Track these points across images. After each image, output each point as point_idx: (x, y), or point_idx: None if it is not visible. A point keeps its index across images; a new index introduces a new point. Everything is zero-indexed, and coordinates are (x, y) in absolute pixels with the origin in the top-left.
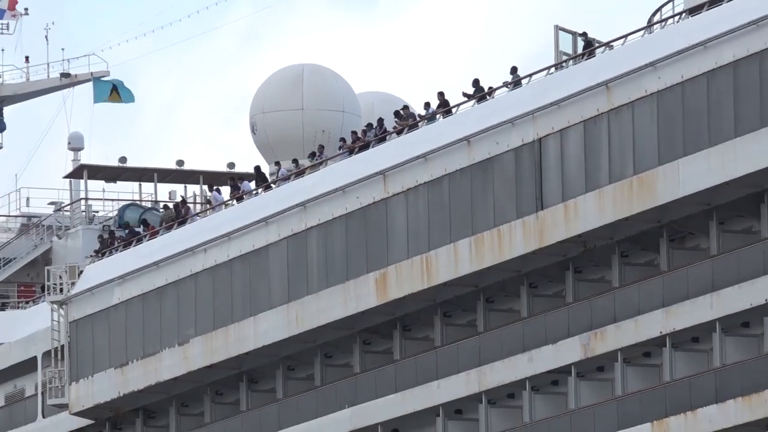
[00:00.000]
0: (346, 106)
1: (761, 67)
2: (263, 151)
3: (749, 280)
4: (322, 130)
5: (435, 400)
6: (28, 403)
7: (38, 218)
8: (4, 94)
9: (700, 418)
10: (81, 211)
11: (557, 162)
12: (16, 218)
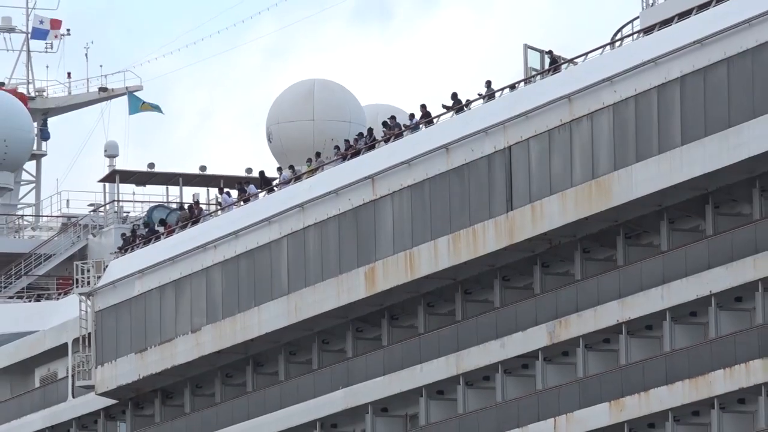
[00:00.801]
0: (353, 117)
1: (705, 81)
2: (278, 158)
3: (695, 273)
4: (330, 138)
5: (418, 381)
6: (60, 384)
7: (76, 218)
8: (48, 107)
9: (652, 397)
10: (114, 211)
11: (525, 167)
12: (57, 218)
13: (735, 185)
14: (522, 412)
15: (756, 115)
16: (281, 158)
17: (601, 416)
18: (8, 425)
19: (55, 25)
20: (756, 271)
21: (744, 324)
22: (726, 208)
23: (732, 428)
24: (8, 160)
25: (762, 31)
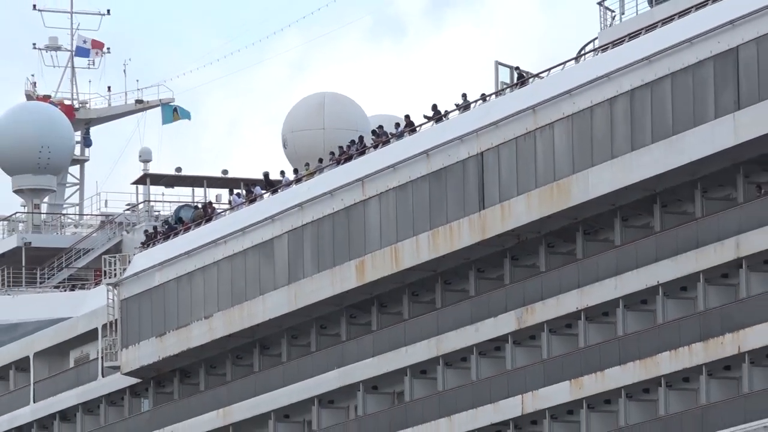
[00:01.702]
0: (359, 126)
1: (652, 94)
2: (292, 162)
3: (645, 266)
4: (339, 146)
5: (403, 362)
6: (91, 365)
7: (113, 216)
8: (90, 117)
9: (607, 377)
10: (145, 210)
11: (495, 171)
12: (96, 216)
13: (679, 186)
14: (494, 389)
15: (696, 124)
16: (295, 163)
17: (563, 393)
18: (46, 401)
19: (96, 45)
20: (698, 263)
21: (688, 311)
22: (672, 207)
23: (677, 404)
24: (51, 165)
25: (701, 49)
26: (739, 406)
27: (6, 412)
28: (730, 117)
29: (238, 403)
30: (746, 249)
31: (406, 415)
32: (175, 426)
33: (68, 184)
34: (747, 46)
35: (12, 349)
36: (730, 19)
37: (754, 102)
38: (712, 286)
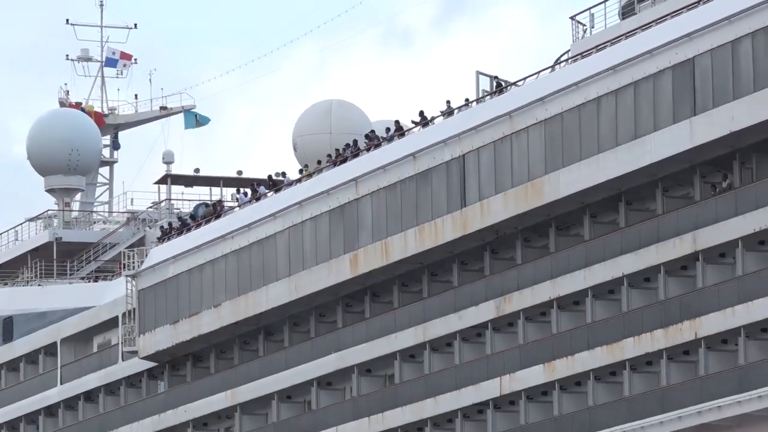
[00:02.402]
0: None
1: (617, 101)
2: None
3: (611, 258)
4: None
5: (394, 347)
6: (113, 350)
7: (137, 213)
8: (119, 122)
9: (577, 360)
10: (166, 208)
11: (475, 171)
12: (123, 213)
13: (642, 186)
14: (475, 372)
15: (656, 128)
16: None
17: (537, 375)
18: (72, 383)
19: (124, 56)
20: (659, 256)
21: (650, 300)
22: (635, 204)
23: (640, 385)
24: (80, 166)
25: (661, 60)
26: (696, 387)
27: (36, 393)
28: (687, 122)
29: (245, 384)
30: (702, 243)
31: (396, 396)
32: (187, 406)
33: (98, 184)
34: (702, 57)
35: (41, 335)
36: (687, 32)
37: (708, 108)
38: (671, 277)
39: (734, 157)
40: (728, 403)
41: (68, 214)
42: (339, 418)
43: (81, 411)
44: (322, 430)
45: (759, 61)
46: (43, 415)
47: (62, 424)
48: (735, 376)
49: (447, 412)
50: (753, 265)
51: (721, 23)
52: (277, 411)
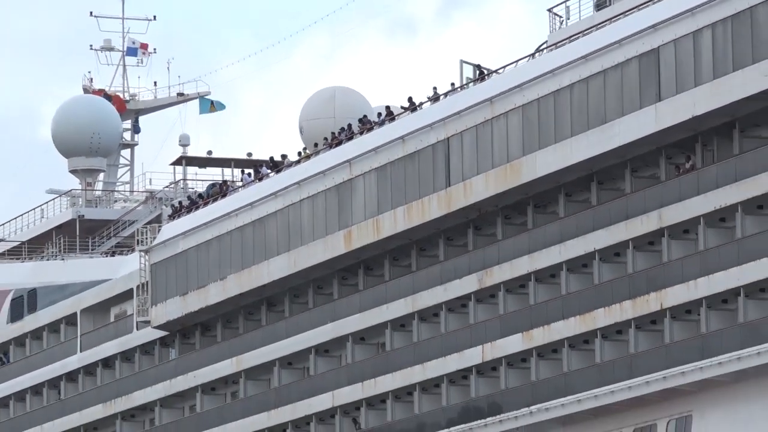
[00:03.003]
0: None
1: (588, 87)
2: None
3: (584, 234)
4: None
5: (385, 317)
6: (128, 320)
7: (154, 193)
8: (139, 108)
9: (553, 329)
10: (181, 188)
11: (459, 153)
12: (142, 193)
13: (612, 167)
14: (459, 340)
15: (625, 113)
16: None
17: (516, 344)
18: (91, 350)
19: (144, 46)
20: (627, 232)
21: (620, 273)
22: (607, 184)
23: (611, 352)
24: (101, 149)
25: (628, 49)
26: (662, 354)
27: (58, 360)
28: (652, 107)
29: (249, 352)
30: (668, 220)
31: (387, 363)
32: (196, 372)
33: (120, 165)
34: (666, 47)
35: (62, 306)
36: (652, 23)
37: (672, 95)
38: (639, 252)
39: (696, 140)
40: (691, 369)
41: (90, 193)
42: (335, 383)
43: (99, 377)
44: (320, 394)
45: (718, 51)
46: (65, 381)
47: (82, 389)
48: (697, 344)
49: (434, 377)
50: (714, 240)
51: (683, 15)
52: (278, 377)
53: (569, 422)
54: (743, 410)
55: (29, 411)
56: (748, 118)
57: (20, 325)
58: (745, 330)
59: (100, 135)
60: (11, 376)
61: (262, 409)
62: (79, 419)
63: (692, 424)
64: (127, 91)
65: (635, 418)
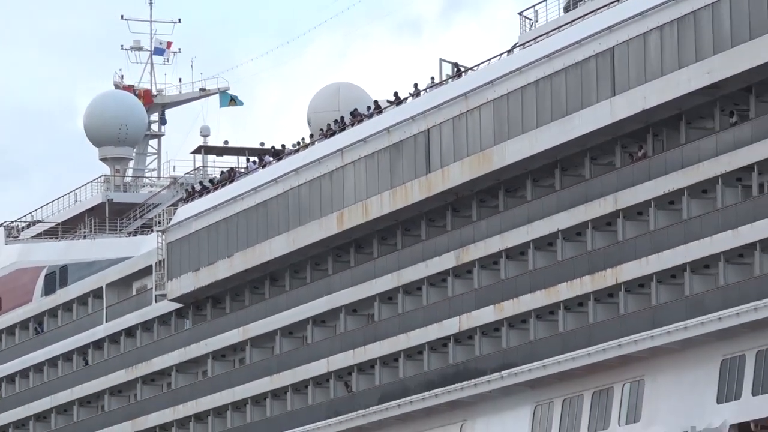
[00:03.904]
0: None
1: (551, 83)
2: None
3: (549, 216)
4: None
5: (374, 291)
6: (148, 293)
7: (178, 178)
8: (166, 102)
9: (521, 302)
10: (201, 174)
11: (438, 143)
12: (166, 178)
13: (574, 155)
14: (439, 311)
15: (583, 107)
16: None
17: (489, 314)
18: (115, 321)
19: (170, 46)
20: (587, 214)
21: (580, 251)
22: (569, 171)
23: (572, 323)
24: (128, 139)
25: (587, 49)
26: (617, 324)
27: (86, 330)
28: (608, 101)
29: (254, 322)
30: (622, 203)
31: (375, 332)
32: (208, 340)
33: (148, 154)
34: (620, 47)
35: (90, 281)
36: (608, 26)
37: (625, 90)
38: (597, 231)
39: (647, 131)
40: (643, 338)
41: (119, 179)
42: (329, 350)
43: (122, 344)
44: (316, 360)
45: (666, 50)
46: (92, 348)
47: (107, 356)
48: (648, 315)
49: (416, 345)
50: (663, 221)
51: (634, 18)
52: (280, 345)
53: (536, 385)
54: (689, 374)
55: (61, 375)
56: (693, 111)
57: (53, 299)
58: (691, 302)
59: (127, 126)
60: (45, 344)
61: (266, 374)
62: (105, 383)
63: (644, 387)
64: (155, 87)
65: (594, 382)
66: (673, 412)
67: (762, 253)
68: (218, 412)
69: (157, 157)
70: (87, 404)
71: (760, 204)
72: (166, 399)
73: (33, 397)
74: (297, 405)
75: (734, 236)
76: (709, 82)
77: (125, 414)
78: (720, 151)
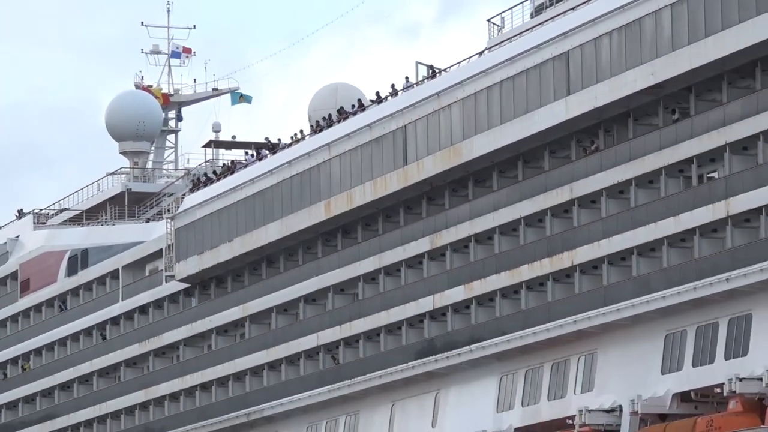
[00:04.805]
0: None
1: (514, 84)
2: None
3: (513, 204)
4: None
5: (358, 272)
6: (159, 274)
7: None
8: (181, 100)
9: (488, 282)
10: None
11: (414, 138)
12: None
13: (534, 148)
14: (416, 290)
15: (543, 105)
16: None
17: (460, 293)
18: (130, 299)
19: (186, 50)
20: (546, 202)
21: (540, 235)
22: (531, 163)
23: (533, 301)
24: (145, 134)
25: (545, 53)
26: (573, 302)
27: (104, 307)
28: (563, 100)
29: (252, 300)
30: (577, 192)
31: (360, 309)
32: (212, 317)
33: (166, 147)
34: (574, 50)
35: (108, 263)
36: (563, 31)
37: (579, 89)
38: (555, 218)
39: (599, 127)
40: (596, 315)
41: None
42: (319, 325)
43: (136, 321)
44: (307, 335)
45: (614, 53)
46: (109, 324)
47: (123, 331)
48: (600, 294)
49: (396, 321)
50: (613, 208)
51: (587, 25)
52: (275, 321)
53: (502, 358)
54: (637, 348)
55: (82, 349)
56: (640, 109)
57: (75, 279)
58: (638, 282)
59: (144, 123)
60: (69, 320)
61: (263, 348)
62: (121, 356)
63: (597, 359)
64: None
65: (553, 354)
66: (622, 381)
67: (701, 237)
68: (221, 382)
69: (174, 151)
70: (105, 375)
71: (699, 193)
72: (175, 370)
73: (57, 368)
74: (290, 375)
75: (676, 222)
76: (653, 82)
77: (139, 384)
78: (663, 145)
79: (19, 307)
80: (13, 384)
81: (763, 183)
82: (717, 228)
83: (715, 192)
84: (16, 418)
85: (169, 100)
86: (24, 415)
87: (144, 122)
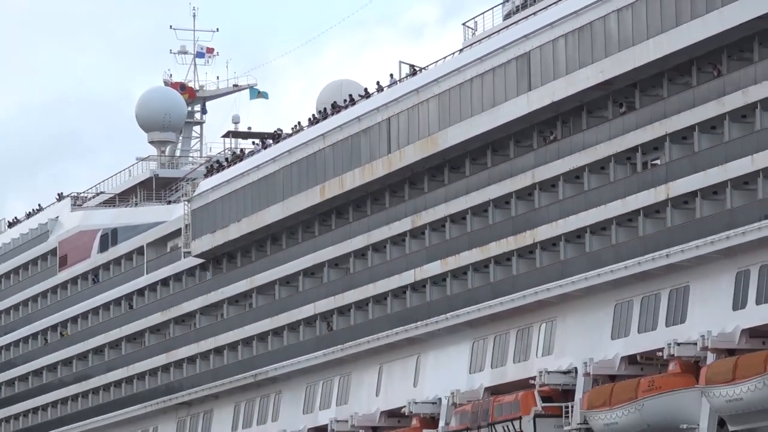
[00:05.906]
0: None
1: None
2: None
3: (482, 188)
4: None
5: (350, 249)
6: (178, 251)
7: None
8: (206, 95)
9: (462, 257)
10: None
11: (396, 129)
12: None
13: (502, 138)
14: (398, 265)
15: (507, 99)
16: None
17: (437, 268)
18: (153, 273)
19: (209, 50)
20: (512, 186)
21: (506, 216)
22: (499, 151)
23: (500, 274)
24: (171, 125)
25: (509, 53)
26: (535, 276)
27: (131, 280)
28: (525, 95)
29: (259, 274)
30: (538, 177)
31: (351, 282)
32: (224, 289)
33: (192, 137)
34: (534, 51)
35: (134, 241)
36: (524, 34)
37: (538, 86)
38: (520, 200)
39: (557, 119)
40: (554, 286)
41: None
42: (316, 296)
43: (159, 292)
44: (306, 305)
45: (569, 53)
46: (136, 295)
47: (147, 301)
48: (558, 268)
49: (382, 292)
50: (570, 192)
51: (545, 28)
52: (278, 292)
53: (474, 325)
54: (590, 316)
55: (112, 317)
56: (592, 103)
57: (106, 255)
58: (591, 257)
59: (170, 116)
60: (100, 292)
61: (268, 316)
62: (146, 323)
63: (556, 326)
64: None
65: (518, 322)
66: (577, 346)
67: (645, 217)
68: (232, 346)
69: (199, 140)
70: (132, 340)
71: (643, 178)
72: (192, 336)
73: (91, 334)
74: (291, 341)
75: (623, 204)
76: (602, 79)
77: (161, 348)
78: (613, 135)
79: (58, 280)
80: (53, 348)
81: (699, 169)
82: (659, 209)
83: (657, 177)
84: (55, 378)
85: (195, 94)
86: (63, 375)
87: (169, 115)
